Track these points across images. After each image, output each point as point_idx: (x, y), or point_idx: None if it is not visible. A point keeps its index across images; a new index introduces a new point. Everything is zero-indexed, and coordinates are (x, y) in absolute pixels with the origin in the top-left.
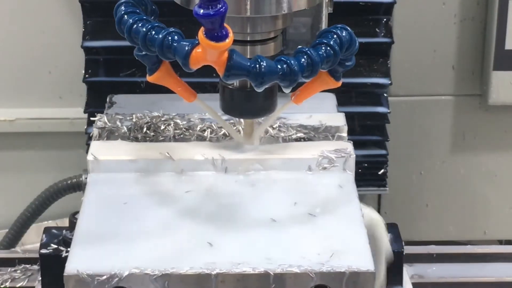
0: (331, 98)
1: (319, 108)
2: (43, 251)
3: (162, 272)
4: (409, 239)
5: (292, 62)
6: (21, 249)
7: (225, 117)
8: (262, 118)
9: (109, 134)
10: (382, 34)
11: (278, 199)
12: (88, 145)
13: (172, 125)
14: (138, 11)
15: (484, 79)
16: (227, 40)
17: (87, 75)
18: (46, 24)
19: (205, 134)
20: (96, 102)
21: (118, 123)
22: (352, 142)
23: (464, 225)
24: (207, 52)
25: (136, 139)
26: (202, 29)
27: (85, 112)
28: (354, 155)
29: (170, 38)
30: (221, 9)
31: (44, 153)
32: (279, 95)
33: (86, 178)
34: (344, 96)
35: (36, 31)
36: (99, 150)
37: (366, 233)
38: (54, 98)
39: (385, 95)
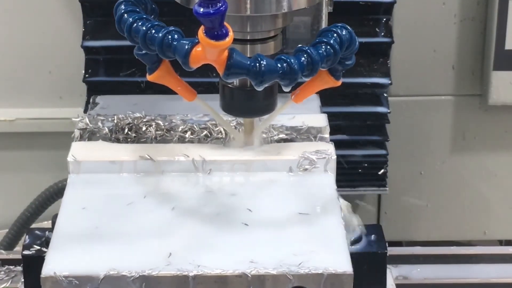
0: (315, 99)
1: (302, 108)
2: (26, 252)
3: (139, 274)
4: (409, 239)
5: (292, 61)
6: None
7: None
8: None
9: (91, 135)
10: (382, 34)
11: (257, 201)
12: None
13: (153, 126)
14: (138, 10)
15: (484, 79)
16: (227, 39)
17: (87, 75)
18: (46, 24)
19: (187, 135)
20: None
21: (99, 124)
22: (333, 143)
23: (464, 225)
24: (207, 51)
25: (117, 140)
26: (202, 28)
27: (85, 112)
28: (335, 156)
29: (170, 36)
30: (221, 8)
31: (44, 153)
32: (279, 95)
33: None
34: (344, 96)
35: (36, 31)
36: (80, 151)
37: (345, 235)
38: (54, 98)
39: (385, 95)
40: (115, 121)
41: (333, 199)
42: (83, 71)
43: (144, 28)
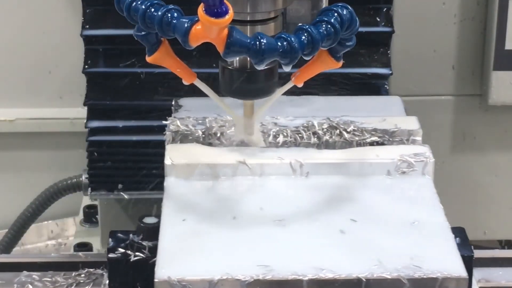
0: (398, 101)
1: (388, 111)
2: (111, 255)
3: (253, 278)
4: None
5: (292, 39)
6: (22, 247)
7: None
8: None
9: (183, 138)
10: (383, 24)
11: (358, 204)
12: (88, 141)
13: None
14: None
15: (484, 79)
16: (226, 17)
17: (86, 66)
18: (46, 24)
19: (278, 139)
20: (96, 94)
21: (191, 126)
22: (429, 146)
23: (464, 225)
24: (206, 29)
25: (210, 144)
26: (201, 5)
27: (84, 104)
28: (433, 160)
29: (169, 15)
30: None
31: (44, 153)
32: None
33: (86, 178)
34: (344, 88)
35: (36, 31)
36: (176, 154)
37: (454, 238)
38: (54, 98)
39: (385, 86)
40: (207, 125)
41: (435, 202)
42: (83, 64)
43: (143, 6)
